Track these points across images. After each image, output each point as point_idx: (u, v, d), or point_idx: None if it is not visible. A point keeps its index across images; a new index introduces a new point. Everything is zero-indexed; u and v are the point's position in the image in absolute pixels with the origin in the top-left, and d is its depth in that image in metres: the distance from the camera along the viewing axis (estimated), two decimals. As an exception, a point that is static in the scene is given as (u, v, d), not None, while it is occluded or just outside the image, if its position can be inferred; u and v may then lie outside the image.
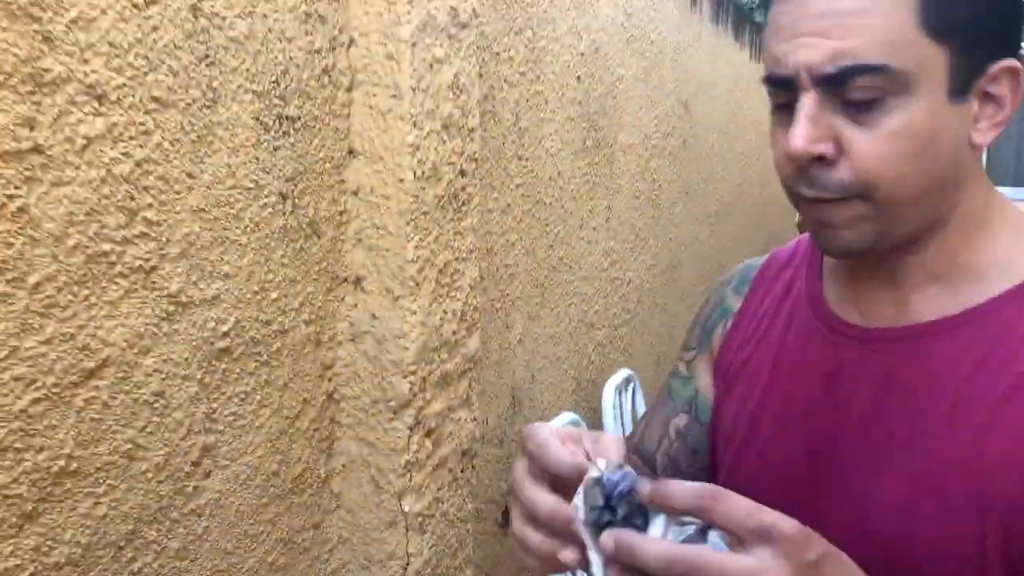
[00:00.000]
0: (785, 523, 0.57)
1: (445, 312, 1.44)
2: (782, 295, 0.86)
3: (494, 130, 1.79)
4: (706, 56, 3.32)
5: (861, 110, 0.68)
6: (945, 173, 0.72)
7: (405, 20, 1.31)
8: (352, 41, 1.34)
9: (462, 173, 1.46)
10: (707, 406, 0.90)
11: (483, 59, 1.72)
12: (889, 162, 0.69)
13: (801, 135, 0.68)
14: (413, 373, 1.38)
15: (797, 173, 0.71)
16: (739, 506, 0.57)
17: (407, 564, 1.43)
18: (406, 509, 1.41)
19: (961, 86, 0.70)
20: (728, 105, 3.74)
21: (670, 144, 3.01)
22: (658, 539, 0.58)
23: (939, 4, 0.68)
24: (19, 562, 0.92)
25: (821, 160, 0.69)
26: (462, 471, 1.55)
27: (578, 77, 2.18)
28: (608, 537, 0.58)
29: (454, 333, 1.47)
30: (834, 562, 0.60)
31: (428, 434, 1.43)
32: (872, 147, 0.68)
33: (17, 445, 0.91)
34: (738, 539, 0.57)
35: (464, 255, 1.49)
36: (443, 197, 1.41)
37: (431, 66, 1.36)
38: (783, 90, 0.71)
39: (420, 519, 1.43)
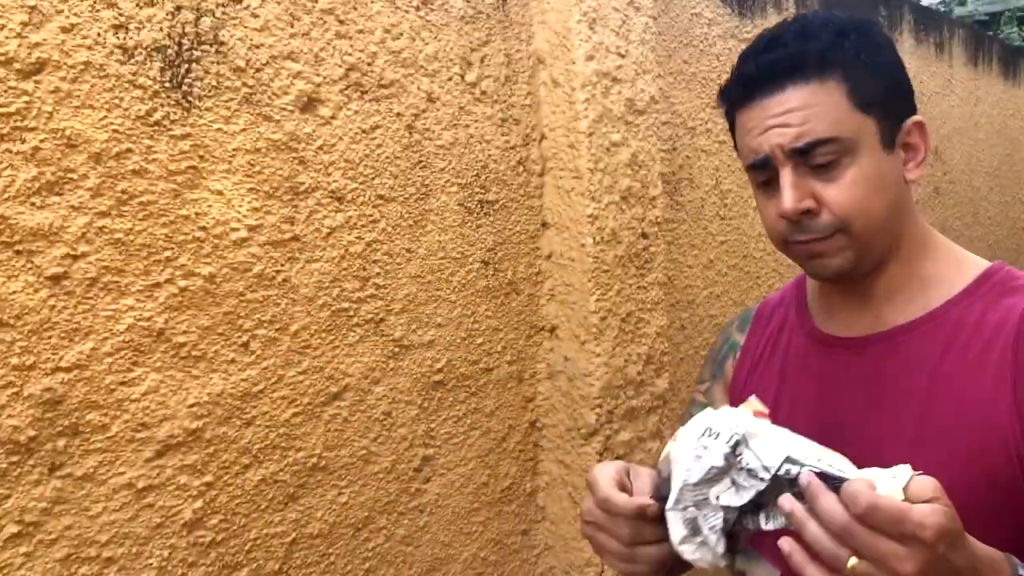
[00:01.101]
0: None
1: (629, 355, 1.69)
2: (779, 328, 1.07)
3: (691, 195, 2.02)
4: (959, 101, 3.27)
5: (825, 172, 0.92)
6: (894, 205, 0.95)
7: (583, 116, 1.61)
8: (543, 136, 1.66)
9: (643, 235, 1.72)
10: None
11: (675, 135, 1.96)
12: (857, 203, 0.91)
13: (790, 199, 0.91)
14: (599, 406, 1.64)
15: (789, 227, 0.94)
16: (888, 513, 0.71)
17: (602, 571, 1.67)
18: (599, 522, 1.65)
19: (889, 141, 0.94)
20: (997, 146, 3.61)
21: (917, 193, 3.02)
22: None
23: (859, 89, 0.92)
24: (285, 529, 1.30)
25: (807, 213, 0.91)
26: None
27: (790, 139, 2.34)
28: (786, 500, 0.74)
29: (639, 374, 1.71)
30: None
31: (617, 460, 1.67)
32: (841, 195, 0.91)
33: (283, 445, 1.30)
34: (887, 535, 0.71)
35: (649, 306, 1.74)
36: (623, 257, 1.67)
37: (608, 149, 1.64)
38: (763, 170, 0.94)
39: (612, 533, 1.67)
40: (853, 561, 0.72)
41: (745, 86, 0.93)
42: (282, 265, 1.28)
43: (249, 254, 1.24)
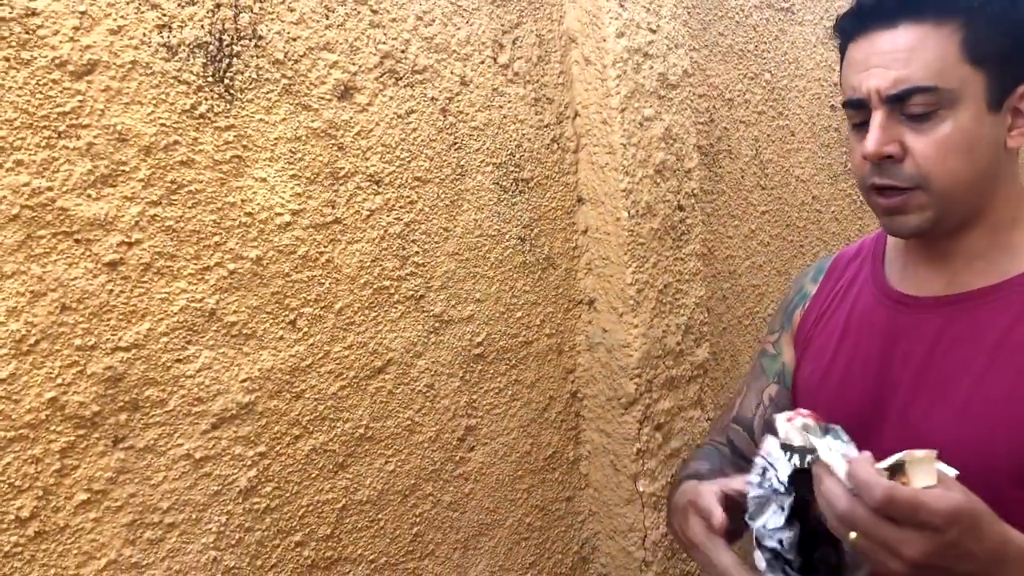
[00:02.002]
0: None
1: (668, 326, 1.72)
2: (851, 280, 1.08)
3: (730, 166, 2.03)
4: None
5: (919, 121, 0.90)
6: (985, 169, 0.92)
7: (615, 92, 1.64)
8: (576, 113, 1.70)
9: (679, 208, 1.75)
10: (791, 374, 1.13)
11: (712, 107, 1.98)
12: (942, 160, 0.90)
13: (874, 140, 0.91)
14: (638, 376, 1.68)
15: (871, 170, 0.93)
16: (904, 504, 0.72)
17: (645, 536, 1.72)
18: (640, 489, 1.70)
19: (996, 102, 0.91)
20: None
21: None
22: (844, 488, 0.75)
23: (976, 41, 0.89)
24: (335, 496, 1.38)
25: (890, 158, 0.91)
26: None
27: (832, 106, 2.34)
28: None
29: (678, 344, 1.74)
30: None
31: (658, 428, 1.72)
32: (928, 148, 0.90)
33: (331, 417, 1.37)
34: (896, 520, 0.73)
35: (687, 277, 1.77)
36: (659, 230, 1.70)
37: (641, 124, 1.67)
38: (859, 110, 0.94)
39: (654, 499, 1.72)
40: (854, 535, 0.75)
41: (859, 16, 0.92)
42: (325, 247, 1.34)
43: (293, 237, 1.30)
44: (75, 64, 1.09)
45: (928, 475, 0.74)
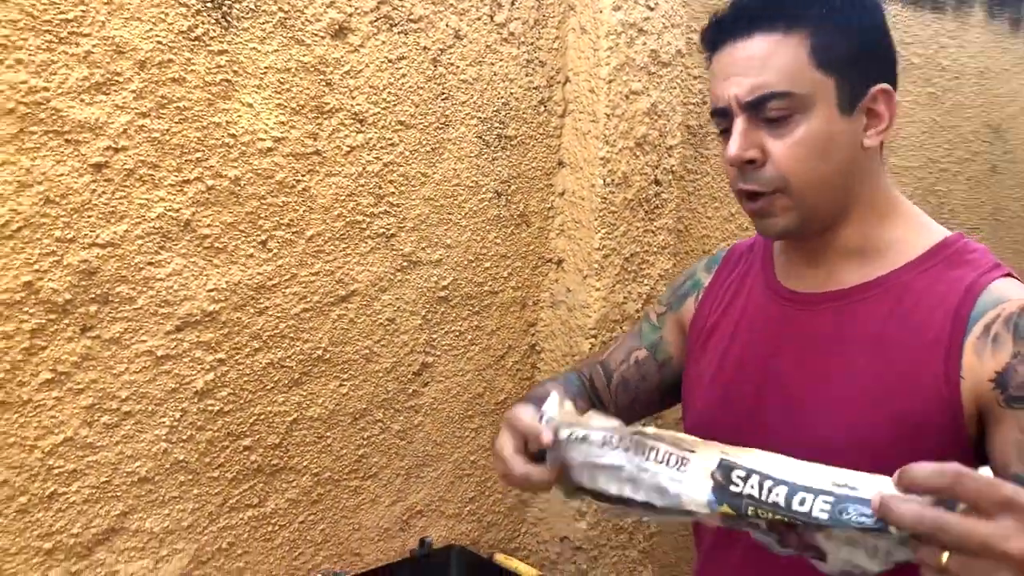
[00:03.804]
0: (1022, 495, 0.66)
1: (630, 293, 1.80)
2: (743, 274, 1.14)
3: (717, 149, 2.09)
4: (1033, 79, 3.21)
5: (776, 126, 0.95)
6: (844, 170, 0.97)
7: (604, 63, 1.70)
8: (567, 79, 1.76)
9: (656, 182, 1.81)
10: (665, 350, 1.20)
11: (706, 89, 2.03)
12: (797, 163, 0.95)
13: (735, 146, 0.96)
14: (594, 336, 1.76)
15: (736, 174, 0.98)
16: (980, 481, 0.65)
17: (583, 488, 1.81)
18: (584, 444, 1.79)
19: (848, 104, 0.96)
20: (1073, 130, 3.52)
21: (970, 169, 3.00)
22: (914, 502, 0.67)
23: (824, 48, 0.95)
24: (287, 409, 1.47)
25: (752, 163, 0.96)
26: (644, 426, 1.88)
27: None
28: (877, 498, 0.69)
29: (637, 311, 1.82)
30: None
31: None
32: (785, 152, 0.95)
33: (291, 336, 1.46)
34: (981, 510, 0.65)
35: (655, 249, 1.84)
36: (632, 201, 1.77)
37: (627, 97, 1.73)
38: (724, 118, 1.00)
39: (596, 455, 1.80)
40: (946, 557, 0.66)
41: (719, 29, 0.98)
42: (303, 176, 1.43)
43: (273, 163, 1.39)
44: (80, -25, 1.16)
45: None
